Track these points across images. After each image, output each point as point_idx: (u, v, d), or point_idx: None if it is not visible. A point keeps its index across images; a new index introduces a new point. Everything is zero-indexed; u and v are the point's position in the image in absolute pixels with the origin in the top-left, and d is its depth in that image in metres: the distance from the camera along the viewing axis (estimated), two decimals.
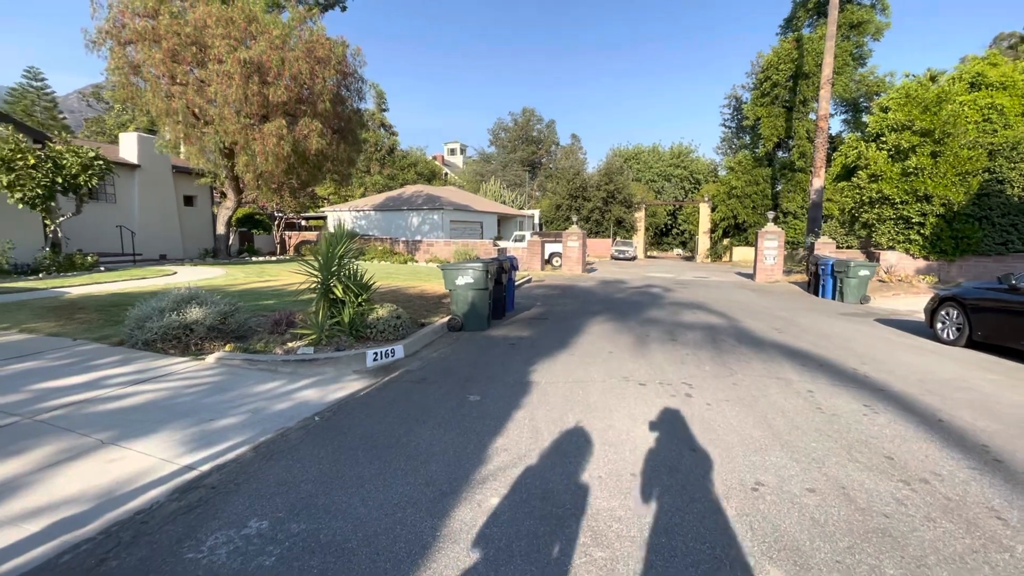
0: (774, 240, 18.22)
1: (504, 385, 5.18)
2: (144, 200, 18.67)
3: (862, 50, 32.28)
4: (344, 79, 17.68)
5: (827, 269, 14.07)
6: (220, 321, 6.18)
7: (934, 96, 15.54)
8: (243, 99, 14.15)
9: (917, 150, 15.36)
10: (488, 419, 4.18)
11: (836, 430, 3.99)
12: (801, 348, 7.10)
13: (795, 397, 4.82)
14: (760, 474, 3.23)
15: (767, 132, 31.86)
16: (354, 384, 5.29)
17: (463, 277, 8.29)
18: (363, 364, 5.98)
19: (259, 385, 4.99)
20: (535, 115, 59.13)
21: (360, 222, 29.95)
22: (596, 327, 8.59)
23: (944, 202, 15.12)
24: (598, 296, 13.07)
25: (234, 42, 13.91)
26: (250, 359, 5.50)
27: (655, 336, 7.79)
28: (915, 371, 5.92)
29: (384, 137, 48.49)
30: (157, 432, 3.77)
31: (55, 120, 44.23)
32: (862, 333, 8.44)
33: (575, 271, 20.92)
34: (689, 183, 46.22)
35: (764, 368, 5.92)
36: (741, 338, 7.73)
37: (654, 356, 6.48)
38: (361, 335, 6.57)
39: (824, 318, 10.10)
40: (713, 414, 4.32)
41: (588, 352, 6.71)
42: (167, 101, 14.29)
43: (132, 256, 16.42)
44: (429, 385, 5.20)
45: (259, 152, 14.42)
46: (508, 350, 6.86)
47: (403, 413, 4.34)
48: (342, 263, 6.92)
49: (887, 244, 16.55)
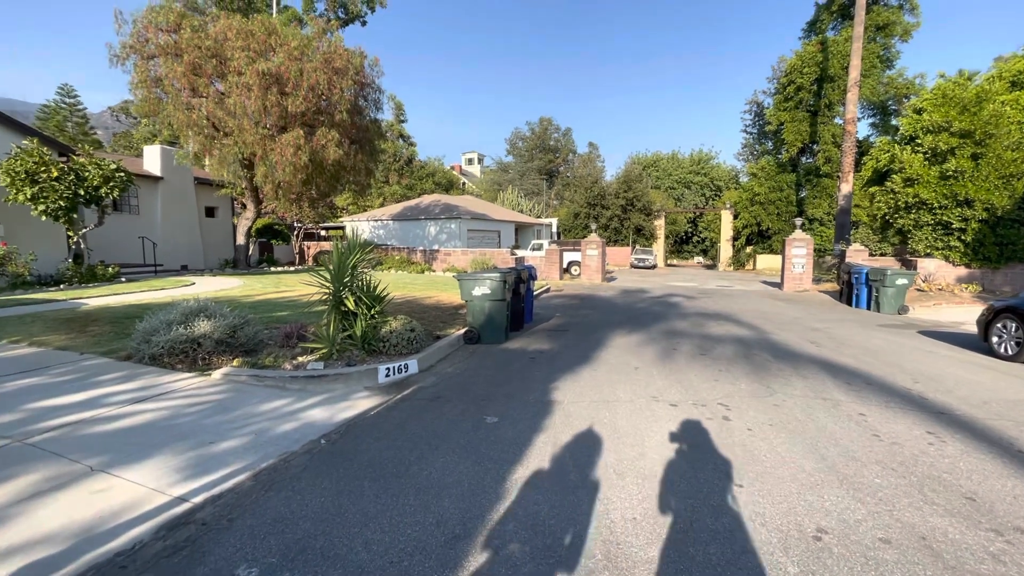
0: (802, 247, 17.49)
1: (524, 405, 4.82)
2: (166, 211, 18.91)
3: (889, 52, 31.37)
4: (362, 89, 17.69)
5: (861, 278, 13.39)
6: (229, 334, 5.97)
7: (973, 96, 14.77)
8: (262, 110, 14.21)
9: (956, 152, 14.57)
10: (507, 445, 3.83)
11: (900, 462, 3.52)
12: (843, 363, 6.58)
13: (846, 421, 4.35)
14: (821, 518, 2.79)
15: (791, 137, 31.01)
16: (365, 402, 5.00)
17: (480, 287, 7.98)
18: (375, 380, 5.69)
19: (265, 403, 4.73)
20: (552, 124, 58.94)
21: (378, 232, 29.99)
22: (619, 339, 8.17)
23: (987, 206, 14.28)
24: (619, 306, 12.63)
25: (253, 54, 14.01)
26: (257, 375, 5.25)
27: (683, 350, 7.34)
28: (976, 391, 5.37)
29: (403, 148, 48.78)
30: (152, 457, 3.52)
31: (86, 135, 45.67)
32: (907, 347, 7.85)
33: (595, 280, 20.46)
34: (710, 190, 45.32)
35: (806, 387, 5.44)
36: (776, 352, 7.23)
37: (684, 372, 6.04)
38: (374, 349, 6.29)
39: (862, 330, 9.50)
40: (756, 441, 3.89)
41: (613, 367, 6.31)
42: (188, 113, 14.43)
43: (154, 267, 16.58)
44: (443, 404, 4.87)
45: (277, 162, 14.43)
46: (528, 364, 6.50)
47: (415, 436, 4.01)
48: (355, 274, 6.68)
49: (924, 251, 15.71)
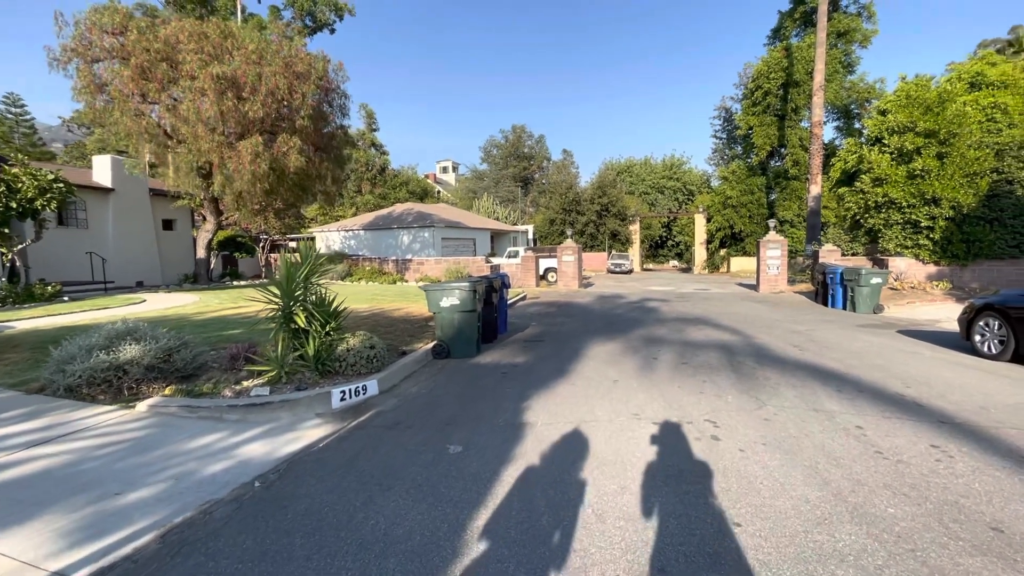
0: (777, 249, 17.52)
1: (492, 429, 4.33)
2: (119, 225, 17.81)
3: (850, 58, 32.29)
4: (326, 95, 17.02)
5: (836, 278, 13.36)
6: (162, 359, 5.31)
7: (936, 96, 15.04)
8: (218, 116, 13.44)
9: (922, 152, 14.77)
10: (470, 481, 3.32)
11: (911, 485, 3.15)
12: (830, 368, 6.29)
13: (844, 436, 3.98)
14: (836, 567, 2.36)
15: (760, 141, 31.51)
16: (314, 432, 4.43)
17: (448, 298, 7.47)
18: (328, 405, 5.12)
19: (195, 439, 4.12)
20: (525, 131, 59.00)
21: (349, 242, 29.14)
22: (597, 349, 7.76)
23: (953, 204, 14.49)
24: (597, 313, 12.26)
25: (207, 57, 13.24)
26: (189, 405, 4.62)
27: (664, 359, 6.96)
28: (970, 394, 5.10)
29: (375, 156, 47.94)
30: (36, 518, 2.90)
31: (35, 147, 43.31)
32: (890, 348, 7.64)
33: (571, 286, 20.13)
34: (683, 194, 45.80)
35: (796, 396, 5.09)
36: (760, 358, 6.91)
37: (666, 384, 5.64)
38: (328, 370, 5.72)
39: (842, 331, 9.33)
40: (751, 465, 3.47)
41: (590, 381, 5.87)
42: (137, 120, 13.52)
43: (103, 284, 15.50)
44: (403, 431, 4.34)
45: (235, 171, 13.64)
46: (499, 381, 6.01)
47: (365, 474, 3.48)
48: (309, 287, 6.10)
49: (895, 250, 15.86)
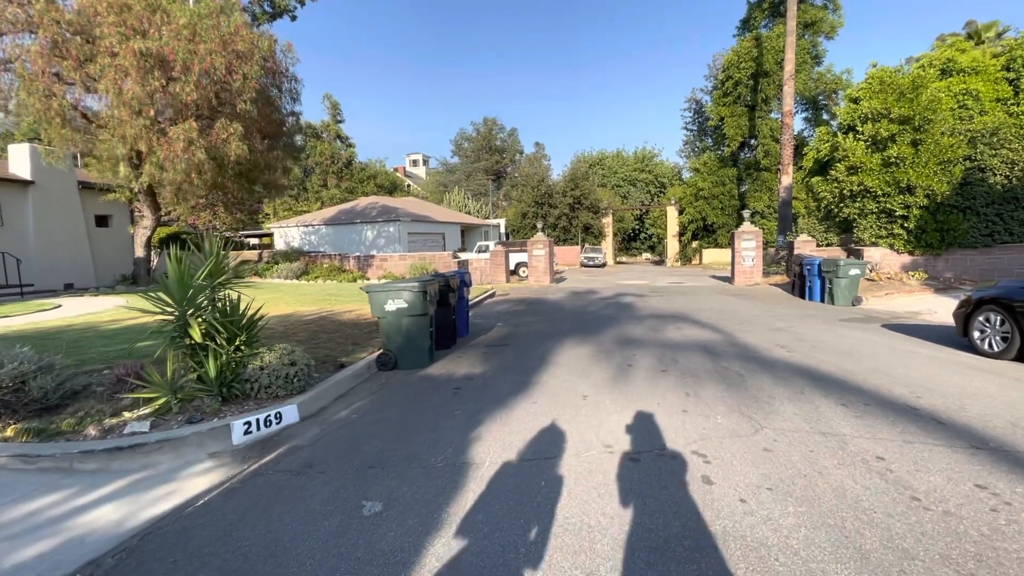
0: (752, 240, 17.04)
1: (428, 473, 3.38)
2: (41, 221, 16.00)
3: (817, 49, 32.34)
4: (274, 78, 15.62)
5: (814, 269, 12.88)
6: (12, 388, 4.16)
7: (909, 82, 14.70)
8: (146, 98, 11.97)
9: (897, 139, 14.42)
10: (380, 566, 2.38)
11: (975, 556, 2.34)
12: (826, 373, 5.57)
13: (866, 473, 3.18)
14: None
15: (731, 132, 31.28)
16: (197, 482, 3.41)
17: (394, 301, 6.47)
18: (228, 441, 4.09)
19: (18, 505, 3.04)
20: (497, 124, 57.76)
21: (309, 238, 27.58)
22: (566, 354, 6.89)
23: (928, 192, 14.19)
24: (568, 311, 11.42)
25: (129, 31, 11.74)
26: (25, 454, 3.50)
27: (641, 365, 6.13)
28: (990, 405, 4.42)
29: (341, 149, 46.05)
30: None
31: None
32: (882, 346, 7.02)
33: (543, 282, 19.28)
34: (655, 187, 45.53)
35: (797, 414, 4.31)
36: (747, 362, 6.16)
37: (645, 400, 4.79)
38: (237, 393, 4.66)
39: (826, 327, 8.73)
40: (758, 527, 2.63)
41: (556, 397, 4.98)
42: (46, 101, 11.93)
43: (19, 288, 13.81)
44: (312, 479, 3.36)
45: (165, 159, 12.20)
46: (449, 399, 5.07)
47: (240, 554, 2.50)
48: (216, 291, 5.01)
49: (870, 240, 15.54)
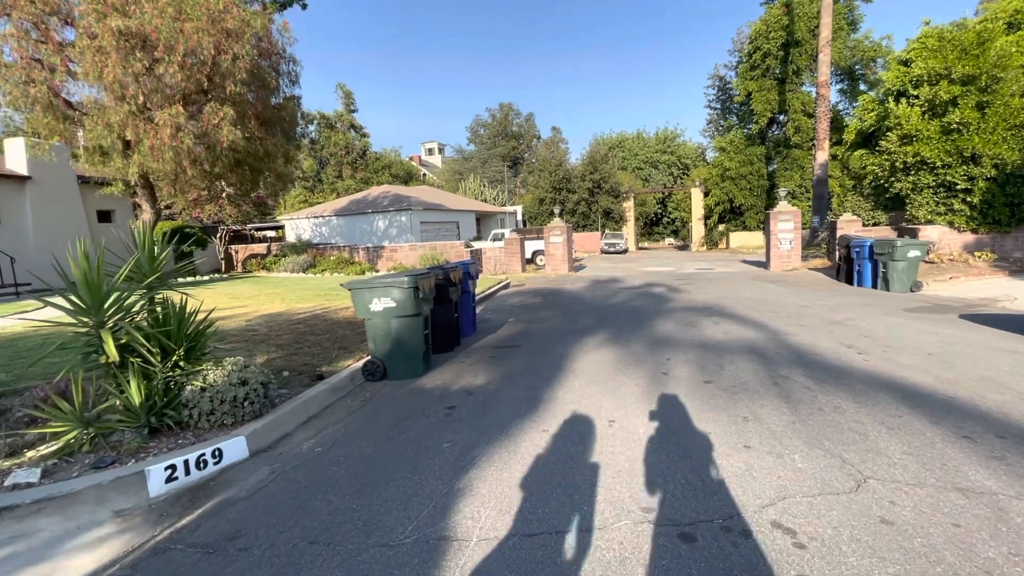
0: (789, 221, 15.56)
1: (387, 558, 2.34)
2: (40, 218, 15.50)
3: (854, 14, 29.88)
4: (269, 59, 14.70)
5: (864, 251, 11.44)
6: None
7: (974, 36, 12.93)
8: (129, 81, 11.17)
9: (959, 102, 12.71)
10: None
11: None
12: (921, 386, 4.35)
13: None
14: None
15: (760, 107, 29.23)
16: (78, 563, 2.46)
17: (380, 300, 5.46)
18: (144, 493, 3.14)
19: None
20: (513, 109, 56.24)
21: (320, 229, 26.86)
22: (586, 359, 5.80)
23: (996, 162, 12.47)
24: (588, 303, 10.29)
25: (107, 9, 10.92)
26: None
27: (679, 375, 5.00)
28: None
29: (355, 139, 45.19)
30: None
31: None
32: (974, 345, 5.73)
33: (561, 270, 18.13)
34: (677, 168, 43.60)
35: (908, 452, 3.14)
36: (810, 369, 4.97)
37: (689, 428, 3.68)
38: (171, 422, 3.71)
39: (891, 319, 7.42)
40: None
41: (574, 423, 3.91)
42: (24, 87, 11.24)
43: (15, 287, 13.33)
44: (228, 564, 2.36)
45: (151, 147, 11.41)
46: (439, 424, 4.05)
47: None
48: (152, 294, 4.07)
49: (925, 217, 13.90)
